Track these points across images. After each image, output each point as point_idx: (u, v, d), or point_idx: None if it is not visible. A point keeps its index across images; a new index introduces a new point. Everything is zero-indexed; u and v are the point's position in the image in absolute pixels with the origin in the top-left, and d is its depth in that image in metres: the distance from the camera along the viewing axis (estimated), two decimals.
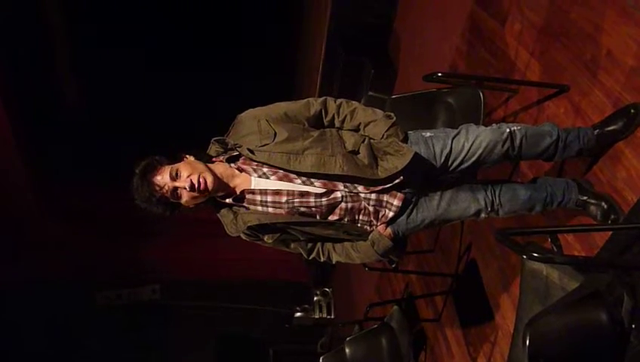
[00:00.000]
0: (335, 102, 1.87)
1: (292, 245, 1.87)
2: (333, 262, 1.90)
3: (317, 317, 5.61)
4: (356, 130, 1.86)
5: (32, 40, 5.34)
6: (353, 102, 1.89)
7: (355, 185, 1.77)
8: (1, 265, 5.31)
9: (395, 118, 1.84)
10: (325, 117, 1.86)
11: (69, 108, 6.42)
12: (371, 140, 1.82)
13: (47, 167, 5.71)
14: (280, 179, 1.77)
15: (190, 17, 6.36)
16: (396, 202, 1.79)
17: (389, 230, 1.82)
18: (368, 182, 1.77)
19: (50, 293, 5.76)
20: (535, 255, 1.25)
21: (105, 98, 6.23)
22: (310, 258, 1.89)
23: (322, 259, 1.89)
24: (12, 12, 4.87)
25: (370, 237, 1.82)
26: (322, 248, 1.87)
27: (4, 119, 5.01)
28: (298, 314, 5.68)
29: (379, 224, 1.82)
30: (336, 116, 1.85)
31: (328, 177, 1.76)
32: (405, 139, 1.83)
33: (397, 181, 1.76)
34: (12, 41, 4.97)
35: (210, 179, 1.72)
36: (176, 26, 6.29)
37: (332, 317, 5.49)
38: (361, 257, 1.86)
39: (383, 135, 1.80)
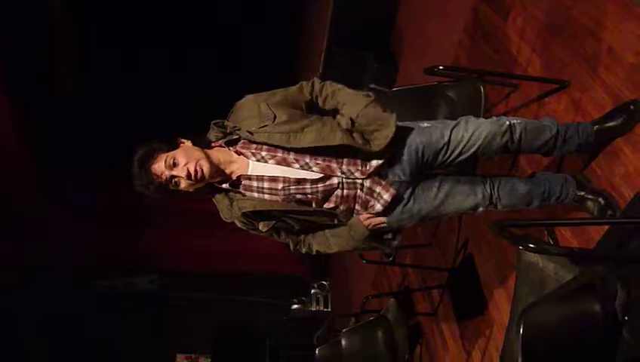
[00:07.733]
0: (320, 82, 1.90)
1: (283, 234, 1.88)
2: (314, 252, 1.91)
3: (314, 309, 5.64)
4: (338, 111, 1.87)
5: (33, 35, 5.33)
6: (339, 84, 1.91)
7: (351, 169, 1.78)
8: None
9: (373, 97, 1.85)
10: (316, 98, 1.89)
11: (69, 99, 6.40)
12: (359, 125, 1.82)
13: (46, 158, 5.70)
14: (278, 163, 1.78)
15: (191, 12, 6.34)
16: (386, 196, 1.80)
17: (369, 220, 1.83)
18: (367, 156, 1.78)
19: (48, 283, 5.76)
20: (531, 246, 1.25)
21: (106, 91, 6.22)
22: (293, 249, 1.92)
23: (304, 250, 1.91)
24: (14, 7, 4.86)
25: (349, 222, 1.83)
26: (304, 240, 1.90)
27: (7, 110, 5.01)
28: (295, 307, 5.71)
29: (365, 213, 1.83)
30: (318, 95, 1.88)
31: (327, 153, 1.76)
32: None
33: (394, 157, 1.77)
34: (14, 36, 4.97)
35: (206, 167, 1.74)
36: (176, 21, 6.27)
37: (329, 309, 5.52)
38: (338, 243, 1.87)
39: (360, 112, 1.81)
